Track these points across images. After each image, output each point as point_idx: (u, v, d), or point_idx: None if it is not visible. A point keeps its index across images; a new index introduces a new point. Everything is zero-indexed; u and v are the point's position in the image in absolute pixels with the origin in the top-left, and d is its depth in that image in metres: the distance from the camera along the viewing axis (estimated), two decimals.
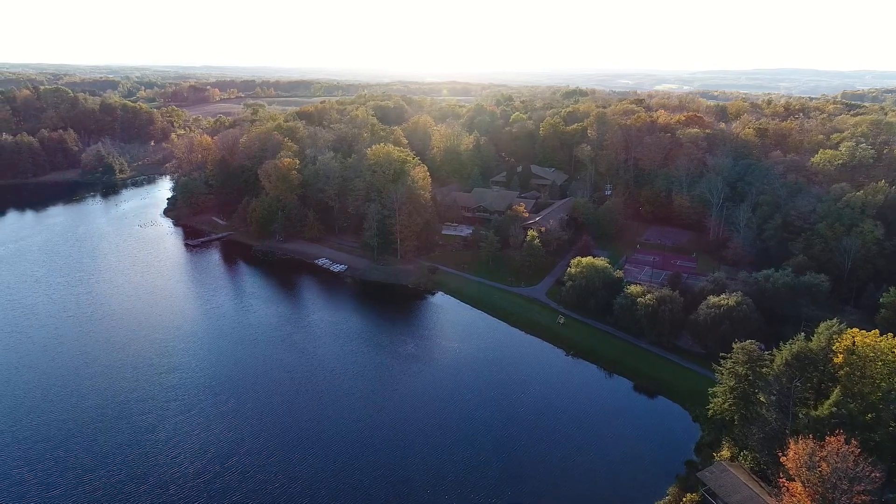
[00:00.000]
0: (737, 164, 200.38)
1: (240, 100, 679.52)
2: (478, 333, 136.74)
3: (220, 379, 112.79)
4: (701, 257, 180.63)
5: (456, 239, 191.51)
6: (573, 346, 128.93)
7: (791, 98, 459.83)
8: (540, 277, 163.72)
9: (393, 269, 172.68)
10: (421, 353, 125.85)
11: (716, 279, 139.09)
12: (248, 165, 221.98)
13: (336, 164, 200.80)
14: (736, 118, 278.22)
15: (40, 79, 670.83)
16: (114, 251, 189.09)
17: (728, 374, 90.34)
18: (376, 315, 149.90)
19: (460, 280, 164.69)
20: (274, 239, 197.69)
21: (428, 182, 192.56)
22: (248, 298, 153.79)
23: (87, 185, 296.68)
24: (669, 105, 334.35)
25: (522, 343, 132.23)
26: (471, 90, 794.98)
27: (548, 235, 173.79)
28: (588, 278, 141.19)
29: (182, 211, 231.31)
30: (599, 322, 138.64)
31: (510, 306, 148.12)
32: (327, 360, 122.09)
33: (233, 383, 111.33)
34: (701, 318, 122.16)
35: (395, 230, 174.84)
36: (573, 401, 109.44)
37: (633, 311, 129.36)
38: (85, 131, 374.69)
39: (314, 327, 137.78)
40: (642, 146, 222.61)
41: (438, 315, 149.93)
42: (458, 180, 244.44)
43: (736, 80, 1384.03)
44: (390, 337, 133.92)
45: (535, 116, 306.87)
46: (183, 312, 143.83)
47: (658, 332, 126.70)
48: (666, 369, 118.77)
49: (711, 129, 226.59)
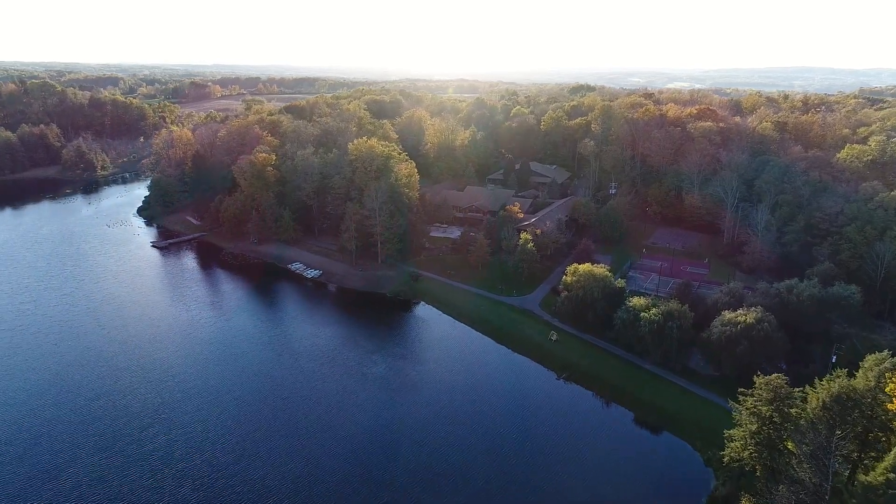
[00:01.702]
0: (754, 161, 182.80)
1: (241, 96, 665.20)
2: (459, 352, 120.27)
3: (148, 409, 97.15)
4: (714, 263, 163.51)
5: (445, 242, 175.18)
6: (567, 366, 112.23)
7: (809, 94, 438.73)
8: (534, 285, 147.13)
9: (372, 275, 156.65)
10: (391, 377, 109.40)
11: (731, 290, 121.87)
12: (226, 161, 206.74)
13: (316, 159, 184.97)
14: (751, 112, 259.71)
15: (44, 76, 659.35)
16: (73, 254, 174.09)
17: (749, 414, 73.30)
18: (347, 328, 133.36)
19: (445, 288, 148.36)
20: (248, 241, 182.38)
21: (415, 180, 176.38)
22: (205, 310, 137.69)
23: (67, 182, 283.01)
24: (680, 100, 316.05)
25: (510, 364, 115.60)
26: (478, 88, 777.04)
27: (544, 238, 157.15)
28: (586, 288, 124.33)
29: (156, 210, 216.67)
30: (598, 338, 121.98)
31: (498, 319, 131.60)
32: (283, 382, 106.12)
33: (161, 414, 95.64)
34: (714, 337, 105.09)
35: (375, 232, 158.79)
36: (564, 436, 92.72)
37: (636, 326, 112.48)
38: (72, 127, 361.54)
39: (273, 344, 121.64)
40: (650, 141, 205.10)
41: (417, 329, 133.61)
42: (453, 178, 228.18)
43: (749, 79, 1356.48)
44: (359, 356, 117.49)
45: (538, 111, 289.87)
46: (127, 327, 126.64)
47: (664, 351, 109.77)
48: (673, 397, 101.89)
49: (725, 123, 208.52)
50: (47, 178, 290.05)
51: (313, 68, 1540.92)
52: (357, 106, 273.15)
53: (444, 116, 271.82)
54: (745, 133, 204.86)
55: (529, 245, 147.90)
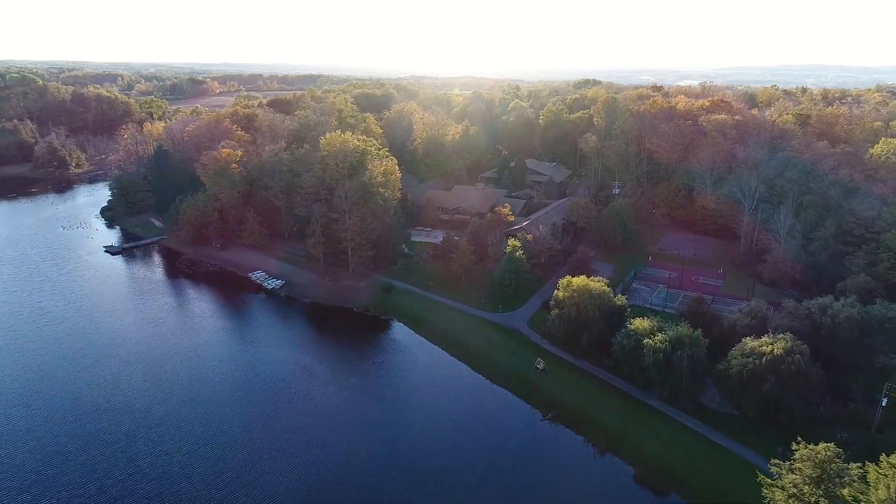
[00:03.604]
0: (774, 157, 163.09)
1: (238, 93, 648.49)
2: (427, 384, 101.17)
3: (46, 447, 79.41)
4: (729, 273, 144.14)
5: (427, 247, 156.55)
6: (554, 403, 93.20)
7: (828, 88, 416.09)
8: (523, 299, 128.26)
9: (340, 287, 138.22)
10: (340, 420, 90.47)
11: (753, 310, 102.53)
12: (193, 158, 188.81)
13: (286, 155, 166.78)
14: (768, 106, 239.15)
15: (43, 73, 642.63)
16: (13, 260, 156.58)
17: (787, 497, 54.25)
18: (301, 352, 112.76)
19: (421, 302, 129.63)
20: (211, 245, 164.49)
21: (395, 178, 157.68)
22: (145, 327, 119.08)
23: (37, 180, 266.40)
24: (691, 93, 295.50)
25: (486, 399, 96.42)
26: (484, 86, 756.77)
27: (535, 244, 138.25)
28: (580, 306, 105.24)
29: (118, 211, 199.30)
30: (594, 365, 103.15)
31: (478, 342, 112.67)
32: (208, 420, 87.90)
33: (64, 451, 77.86)
34: (734, 371, 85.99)
35: (345, 237, 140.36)
36: (543, 499, 73.92)
37: (639, 354, 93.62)
38: (54, 123, 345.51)
39: (209, 373, 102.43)
40: (658, 136, 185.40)
41: (382, 354, 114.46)
42: (442, 176, 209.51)
43: (760, 76, 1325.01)
44: (307, 388, 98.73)
45: (538, 105, 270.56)
46: (50, 350, 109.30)
47: (672, 386, 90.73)
48: (683, 446, 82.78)
49: (742, 116, 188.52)
50: (17, 176, 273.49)
51: (320, 66, 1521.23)
52: (343, 99, 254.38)
53: (433, 110, 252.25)
54: (763, 127, 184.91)
55: (518, 252, 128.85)
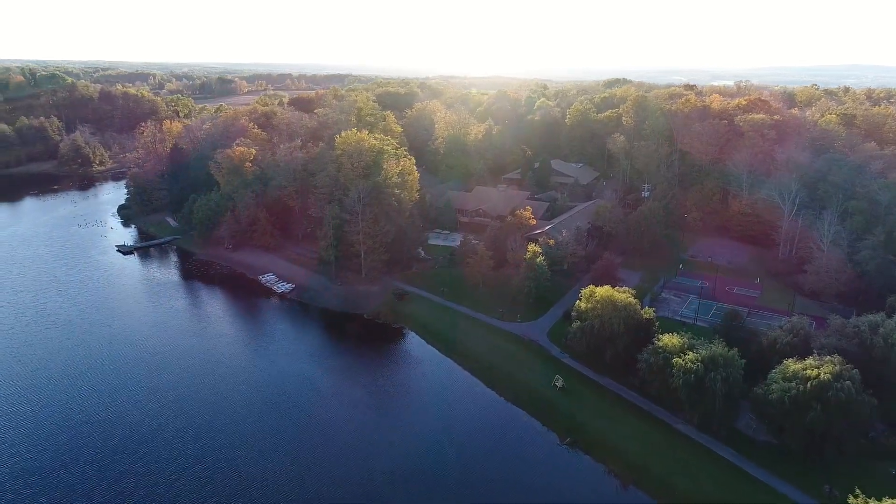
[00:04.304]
0: (817, 160, 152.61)
1: (265, 92, 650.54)
2: (436, 401, 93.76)
3: (26, 465, 74.68)
4: (767, 283, 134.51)
5: (444, 251, 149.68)
6: (573, 427, 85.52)
7: (872, 88, 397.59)
8: (543, 309, 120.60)
9: (351, 292, 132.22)
10: (339, 441, 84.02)
11: (795, 327, 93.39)
12: (209, 156, 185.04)
13: (301, 154, 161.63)
14: (808, 106, 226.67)
15: (79, 73, 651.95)
16: (25, 259, 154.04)
17: None
18: (305, 363, 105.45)
19: (435, 310, 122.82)
20: (223, 246, 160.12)
21: (412, 179, 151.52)
22: (147, 332, 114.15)
23: (62, 178, 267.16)
24: (726, 92, 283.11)
25: (500, 420, 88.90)
26: (511, 86, 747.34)
27: (557, 250, 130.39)
28: (604, 318, 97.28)
29: (134, 209, 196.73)
30: (618, 383, 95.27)
31: (494, 355, 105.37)
32: (199, 436, 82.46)
33: (45, 468, 72.99)
34: (775, 396, 77.34)
35: (357, 240, 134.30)
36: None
37: (668, 373, 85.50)
38: (81, 121, 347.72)
39: (206, 385, 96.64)
40: (691, 136, 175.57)
41: (391, 365, 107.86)
42: (463, 177, 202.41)
43: (796, 77, 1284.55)
44: (311, 400, 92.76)
45: (564, 103, 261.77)
46: (47, 356, 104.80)
47: (705, 411, 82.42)
48: (715, 479, 74.48)
49: (781, 116, 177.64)
50: (42, 173, 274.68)
51: (349, 66, 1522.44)
52: (365, 97, 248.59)
53: (456, 108, 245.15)
54: (804, 127, 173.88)
55: (539, 259, 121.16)
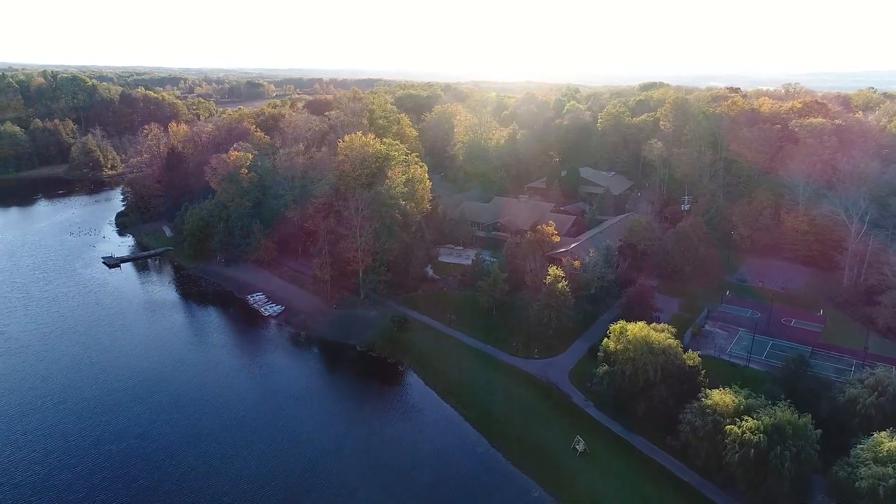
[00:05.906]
0: (886, 170, 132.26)
1: (290, 95, 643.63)
2: (427, 463, 76.41)
3: None
4: (830, 314, 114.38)
5: (455, 270, 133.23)
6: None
7: None
8: (566, 342, 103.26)
9: (346, 317, 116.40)
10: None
11: (880, 381, 74.35)
12: (207, 160, 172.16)
13: (301, 159, 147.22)
14: (867, 110, 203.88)
15: (113, 77, 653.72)
16: (2, 272, 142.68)
17: None
18: (279, 407, 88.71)
19: (439, 341, 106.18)
20: (214, 260, 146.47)
21: (422, 188, 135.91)
22: (110, 363, 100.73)
23: (72, 181, 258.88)
24: (774, 95, 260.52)
25: (503, 493, 71.73)
26: (542, 90, 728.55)
27: (584, 274, 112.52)
28: (636, 363, 79.70)
29: (132, 217, 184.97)
30: (652, 444, 77.46)
31: (503, 402, 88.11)
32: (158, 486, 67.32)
33: None
34: (864, 486, 58.79)
35: (355, 257, 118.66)
36: None
37: (718, 442, 67.54)
38: (101, 124, 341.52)
39: (154, 438, 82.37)
40: (738, 142, 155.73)
41: (380, 412, 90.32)
42: (483, 186, 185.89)
43: (839, 82, 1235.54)
44: (274, 461, 77.20)
45: (596, 107, 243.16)
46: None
47: (767, 494, 64.18)
48: None
49: (843, 120, 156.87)
50: (53, 177, 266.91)
51: (381, 71, 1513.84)
52: (381, 99, 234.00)
53: (477, 111, 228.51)
54: (870, 133, 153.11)
55: (560, 284, 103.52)
